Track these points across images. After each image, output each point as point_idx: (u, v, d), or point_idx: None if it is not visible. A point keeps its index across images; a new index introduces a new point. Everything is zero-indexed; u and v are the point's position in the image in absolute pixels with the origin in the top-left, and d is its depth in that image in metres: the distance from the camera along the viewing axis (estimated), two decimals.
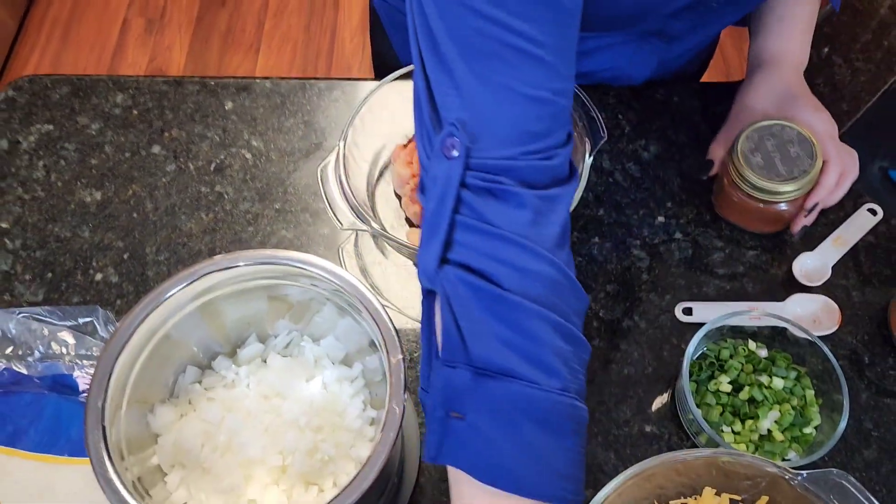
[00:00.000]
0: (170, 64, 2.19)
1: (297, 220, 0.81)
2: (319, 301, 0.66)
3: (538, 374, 0.49)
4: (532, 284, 0.51)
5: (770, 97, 0.78)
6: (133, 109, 0.89)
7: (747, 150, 0.72)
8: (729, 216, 0.78)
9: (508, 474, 0.48)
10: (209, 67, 2.19)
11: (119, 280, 0.78)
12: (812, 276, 0.76)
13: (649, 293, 0.77)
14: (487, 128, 0.51)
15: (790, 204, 0.73)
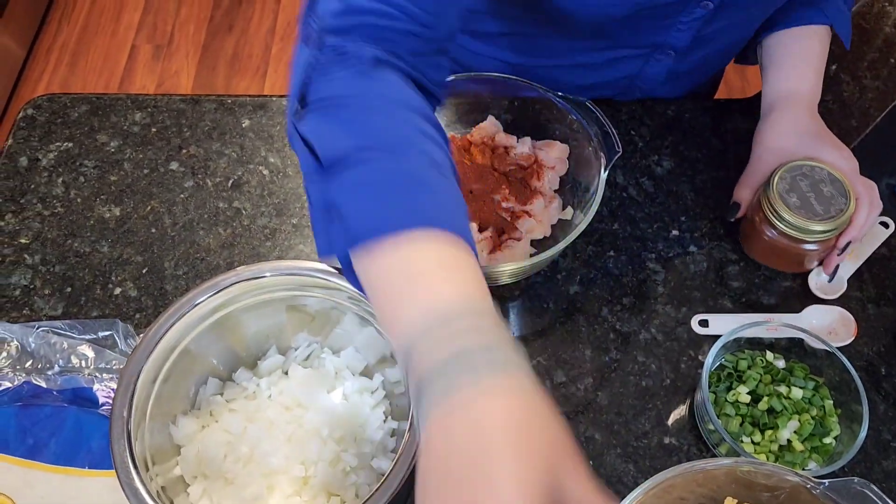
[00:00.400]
0: (177, 89, 2.22)
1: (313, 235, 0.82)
2: (340, 311, 0.66)
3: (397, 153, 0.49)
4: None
5: (791, 136, 0.78)
6: (151, 127, 0.90)
7: (783, 190, 0.73)
8: (758, 256, 0.79)
9: (402, 206, 0.46)
10: (216, 92, 2.21)
11: (138, 294, 0.78)
12: (828, 289, 0.77)
13: (665, 305, 0.77)
14: None
15: (821, 244, 0.73)
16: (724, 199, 0.84)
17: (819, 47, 0.83)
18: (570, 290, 0.79)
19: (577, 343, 0.75)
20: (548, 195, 0.80)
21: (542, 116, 0.83)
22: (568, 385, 0.73)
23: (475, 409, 0.39)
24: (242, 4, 2.40)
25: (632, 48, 0.84)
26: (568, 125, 0.81)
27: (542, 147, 0.82)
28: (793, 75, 0.82)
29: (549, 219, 0.79)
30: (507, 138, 0.83)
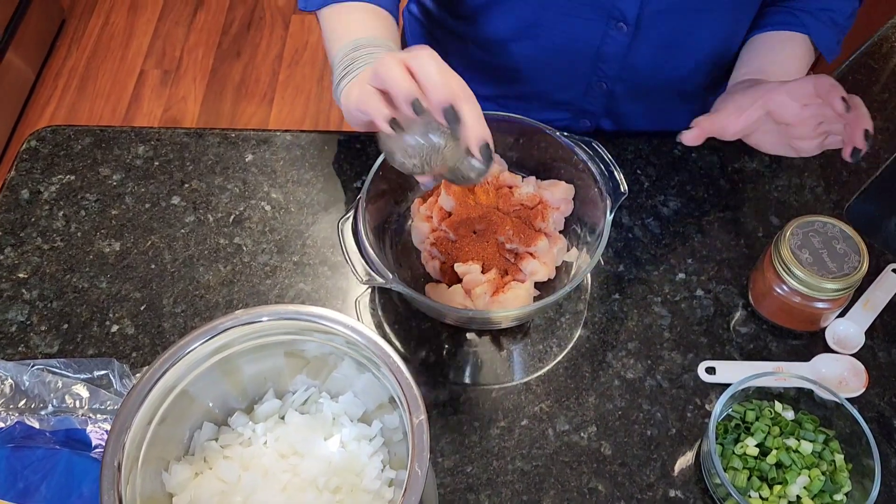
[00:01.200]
0: (184, 114, 2.22)
1: (314, 273, 0.81)
2: (337, 356, 0.65)
3: None
4: None
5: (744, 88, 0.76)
6: (154, 161, 0.89)
7: (794, 247, 0.71)
8: (768, 313, 0.77)
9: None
10: (222, 118, 2.21)
11: (135, 332, 0.77)
12: (845, 342, 0.75)
13: (671, 351, 0.76)
14: None
15: (832, 303, 0.72)
16: (732, 242, 0.83)
17: (799, 49, 0.83)
18: (574, 333, 0.77)
19: (580, 389, 0.74)
20: (552, 236, 0.79)
21: (547, 155, 0.83)
22: (571, 433, 0.71)
23: None
24: (251, 31, 2.41)
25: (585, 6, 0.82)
26: (573, 164, 0.80)
27: (547, 187, 0.81)
28: (768, 59, 0.83)
29: (553, 260, 0.78)
30: (511, 178, 0.82)
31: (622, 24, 0.81)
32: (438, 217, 0.79)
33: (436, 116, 0.59)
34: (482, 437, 0.71)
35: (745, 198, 0.86)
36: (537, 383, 0.74)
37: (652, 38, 0.84)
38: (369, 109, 0.61)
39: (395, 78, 0.58)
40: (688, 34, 0.84)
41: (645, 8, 0.80)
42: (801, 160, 0.89)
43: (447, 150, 0.61)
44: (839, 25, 0.85)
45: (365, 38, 0.73)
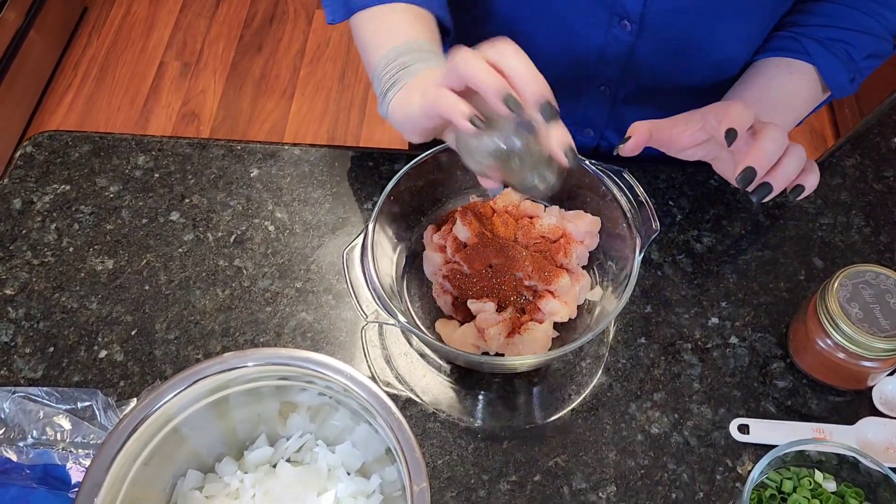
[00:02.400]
0: (202, 108, 2.18)
1: (318, 302, 0.76)
2: (332, 406, 0.60)
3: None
4: None
5: None
6: (154, 172, 0.84)
7: (843, 300, 0.65)
8: (808, 367, 0.70)
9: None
10: (241, 113, 2.17)
11: (124, 359, 0.72)
12: (893, 404, 0.68)
13: (701, 405, 0.70)
14: None
15: (882, 363, 0.65)
16: (771, 284, 0.76)
17: (801, 80, 0.75)
18: (595, 380, 0.71)
19: (600, 443, 0.68)
20: (575, 272, 0.73)
21: (571, 181, 0.76)
22: (588, 493, 0.65)
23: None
24: (273, 25, 2.36)
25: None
26: (600, 195, 0.74)
27: (571, 219, 0.75)
28: (759, 87, 0.76)
29: (574, 299, 0.72)
30: (532, 207, 0.76)
31: (626, 21, 0.74)
32: (452, 248, 0.73)
33: (530, 112, 0.53)
34: (490, 493, 0.65)
35: (786, 236, 0.79)
36: (553, 434, 0.68)
37: (658, 40, 0.76)
38: (444, 107, 0.55)
39: (480, 73, 0.52)
40: (698, 38, 0.76)
41: (650, 5, 0.72)
42: (848, 197, 0.82)
43: (527, 153, 0.56)
44: (855, 63, 0.75)
45: (408, 42, 0.64)
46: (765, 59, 0.78)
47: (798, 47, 0.75)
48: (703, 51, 0.78)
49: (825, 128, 2.08)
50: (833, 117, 2.07)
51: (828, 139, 2.06)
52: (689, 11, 0.73)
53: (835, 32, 0.75)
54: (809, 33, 0.75)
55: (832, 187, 0.83)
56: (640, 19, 0.74)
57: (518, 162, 0.57)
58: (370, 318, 0.65)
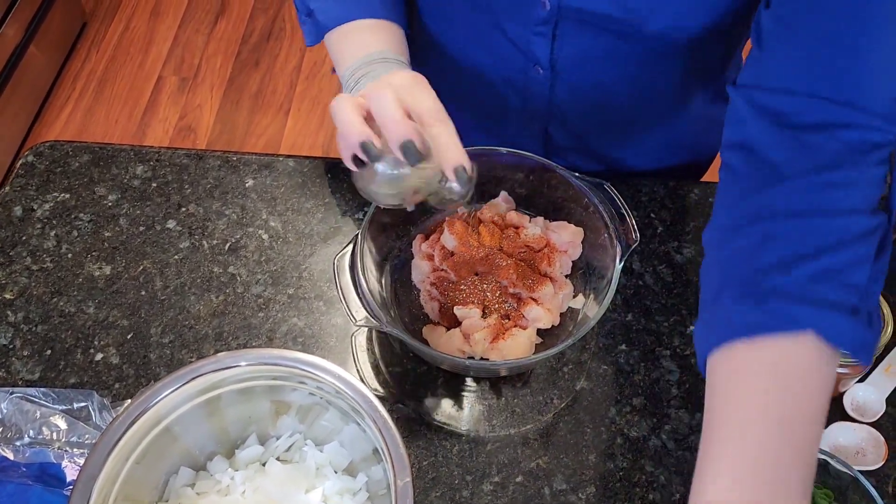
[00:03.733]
0: (199, 122, 2.21)
1: (309, 308, 0.78)
2: (322, 405, 0.62)
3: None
4: None
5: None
6: (152, 182, 0.87)
7: None
8: None
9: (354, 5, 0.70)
10: (237, 128, 2.20)
11: (120, 362, 0.74)
12: (865, 410, 0.71)
13: (679, 409, 0.72)
14: None
15: (851, 369, 0.67)
16: None
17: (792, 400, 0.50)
18: (577, 385, 0.73)
19: (580, 446, 0.70)
20: (558, 281, 0.75)
21: (556, 194, 0.79)
22: (568, 493, 0.67)
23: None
24: (270, 41, 2.40)
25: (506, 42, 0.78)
26: (583, 206, 0.77)
27: (555, 229, 0.77)
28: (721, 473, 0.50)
29: (558, 307, 0.74)
30: (518, 217, 0.78)
31: (538, 67, 0.78)
32: (440, 256, 0.75)
33: (395, 152, 0.56)
34: (473, 493, 0.67)
35: None
36: (535, 437, 0.71)
37: (573, 84, 0.80)
38: (339, 149, 0.59)
39: (344, 122, 0.56)
40: (611, 81, 0.79)
41: (557, 53, 0.76)
42: None
43: (419, 178, 0.59)
44: (861, 293, 0.51)
45: (373, 53, 0.67)
46: (735, 345, 0.52)
47: (768, 320, 0.50)
48: (621, 95, 0.81)
49: None
50: None
51: None
52: (597, 60, 0.76)
53: (812, 267, 0.51)
54: (782, 285, 0.51)
55: None
56: (550, 66, 0.77)
57: (412, 187, 0.59)
58: (360, 323, 0.68)
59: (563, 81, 0.79)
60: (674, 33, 0.70)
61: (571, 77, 0.79)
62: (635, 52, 0.73)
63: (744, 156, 0.57)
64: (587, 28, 0.71)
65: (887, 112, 0.53)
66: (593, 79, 0.79)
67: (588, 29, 0.71)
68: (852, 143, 0.53)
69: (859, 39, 0.52)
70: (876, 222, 0.52)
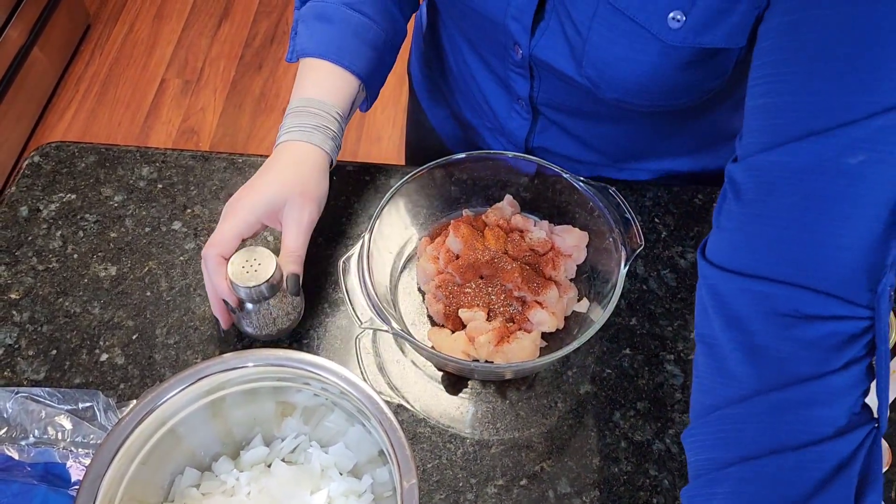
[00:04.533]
0: (202, 125, 2.22)
1: (314, 311, 0.78)
2: (328, 406, 0.62)
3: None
4: None
5: None
6: (158, 183, 0.87)
7: None
8: None
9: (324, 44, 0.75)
10: (240, 131, 2.20)
11: (125, 362, 0.74)
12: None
13: (682, 414, 0.72)
14: None
15: None
16: None
17: None
18: (581, 389, 0.74)
19: (584, 450, 0.70)
20: (563, 285, 0.76)
21: (562, 197, 0.80)
22: (572, 497, 0.67)
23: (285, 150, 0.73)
24: (273, 45, 2.40)
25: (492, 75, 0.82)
26: (588, 210, 0.77)
27: (560, 233, 0.77)
28: None
29: (562, 310, 0.74)
30: (523, 221, 0.78)
31: (522, 101, 0.80)
32: (445, 259, 0.76)
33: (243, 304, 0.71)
34: (478, 496, 0.67)
35: None
36: (539, 440, 0.71)
37: (554, 126, 0.82)
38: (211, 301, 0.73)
39: (209, 292, 0.71)
40: (590, 124, 0.81)
41: (537, 95, 0.78)
42: None
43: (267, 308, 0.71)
44: None
45: (308, 99, 0.73)
46: None
47: None
48: (601, 139, 0.83)
49: None
50: None
51: None
52: (574, 106, 0.78)
53: None
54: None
55: None
56: (529, 102, 0.79)
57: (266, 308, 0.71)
58: (365, 325, 0.68)
59: (545, 125, 0.82)
60: (632, 104, 0.69)
61: (551, 117, 0.81)
62: (607, 106, 0.75)
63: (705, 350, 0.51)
64: (560, 79, 0.72)
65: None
66: (575, 124, 0.81)
67: (561, 79, 0.72)
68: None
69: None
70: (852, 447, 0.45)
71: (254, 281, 0.68)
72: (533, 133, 0.85)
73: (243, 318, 0.72)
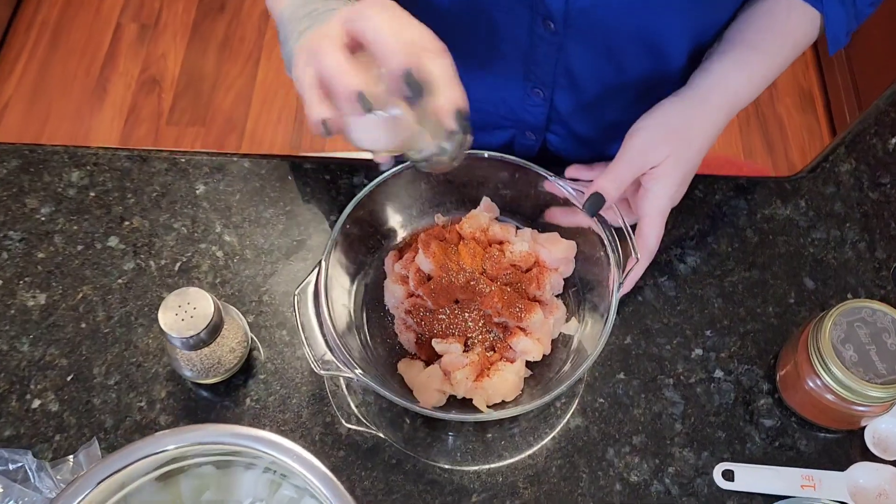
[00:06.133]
0: (164, 74, 2.07)
1: (271, 338, 0.70)
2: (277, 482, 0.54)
3: None
4: None
5: (656, 136, 0.64)
6: (90, 190, 0.77)
7: (836, 340, 0.59)
8: (794, 403, 0.65)
9: None
10: (205, 79, 2.06)
11: (60, 409, 0.66)
12: (887, 444, 0.64)
13: (683, 448, 0.65)
14: None
15: (875, 408, 0.60)
16: (758, 309, 0.71)
17: (799, 24, 0.68)
18: (571, 422, 0.66)
19: (575, 494, 0.63)
20: (549, 304, 0.67)
21: (543, 200, 0.70)
22: None
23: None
24: None
25: None
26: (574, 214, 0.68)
27: (545, 243, 0.68)
28: (728, 65, 0.67)
29: (549, 334, 0.66)
30: (502, 231, 0.69)
31: (549, 21, 0.67)
32: (415, 280, 0.67)
33: (396, 89, 0.49)
34: None
35: (775, 253, 0.74)
36: (525, 485, 0.64)
37: (586, 38, 0.68)
38: (307, 111, 0.52)
39: (333, 76, 0.49)
40: (629, 32, 0.68)
41: (571, 4, 0.65)
42: (842, 208, 0.76)
43: (412, 123, 0.52)
44: (857, 8, 0.69)
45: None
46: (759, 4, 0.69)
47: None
48: (637, 46, 0.70)
49: (813, 87, 2.01)
50: (822, 80, 1.99)
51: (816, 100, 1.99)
52: (613, 5, 0.65)
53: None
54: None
55: (826, 197, 0.77)
56: (563, 18, 0.66)
57: (403, 131, 0.52)
58: (326, 370, 0.60)
59: (575, 37, 0.68)
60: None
61: (584, 31, 0.68)
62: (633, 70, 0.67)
63: None
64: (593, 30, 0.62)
65: None
66: (609, 32, 0.68)
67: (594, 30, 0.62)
68: None
69: None
70: None
71: (192, 329, 0.59)
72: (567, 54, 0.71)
73: (184, 365, 0.63)
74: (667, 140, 0.64)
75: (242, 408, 0.67)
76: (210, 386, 0.68)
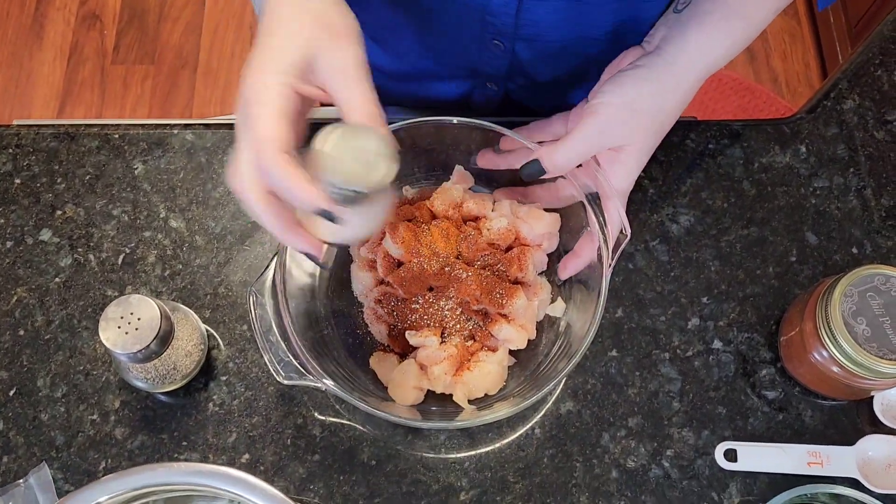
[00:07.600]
0: (104, 7, 1.91)
1: (231, 334, 0.64)
2: None
3: None
4: None
5: (620, 116, 0.56)
6: (15, 177, 0.69)
7: (847, 314, 0.54)
8: (798, 374, 0.61)
9: None
10: (149, 10, 1.91)
11: (4, 428, 0.61)
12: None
13: (682, 428, 0.61)
14: None
15: (886, 382, 0.55)
16: (758, 271, 0.66)
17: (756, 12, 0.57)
18: (562, 408, 0.62)
19: (569, 485, 0.59)
20: (532, 285, 0.61)
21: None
22: None
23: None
24: None
25: None
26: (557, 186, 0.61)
27: (526, 218, 0.62)
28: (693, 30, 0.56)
29: (533, 319, 0.61)
30: (478, 205, 0.63)
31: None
32: (384, 266, 0.61)
33: None
34: None
35: (774, 207, 0.68)
36: (515, 478, 0.60)
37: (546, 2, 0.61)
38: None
39: (260, 217, 0.47)
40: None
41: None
42: (846, 151, 0.70)
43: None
44: None
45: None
46: None
47: None
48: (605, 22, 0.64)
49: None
50: None
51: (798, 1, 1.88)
52: None
53: None
54: None
55: (827, 140, 0.71)
56: None
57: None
58: (285, 380, 0.54)
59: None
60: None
61: None
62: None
63: None
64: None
65: None
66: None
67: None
68: None
69: None
70: None
71: (138, 343, 0.53)
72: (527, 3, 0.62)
73: (135, 377, 0.58)
74: (631, 122, 0.56)
75: (205, 414, 0.62)
76: (169, 391, 0.62)
